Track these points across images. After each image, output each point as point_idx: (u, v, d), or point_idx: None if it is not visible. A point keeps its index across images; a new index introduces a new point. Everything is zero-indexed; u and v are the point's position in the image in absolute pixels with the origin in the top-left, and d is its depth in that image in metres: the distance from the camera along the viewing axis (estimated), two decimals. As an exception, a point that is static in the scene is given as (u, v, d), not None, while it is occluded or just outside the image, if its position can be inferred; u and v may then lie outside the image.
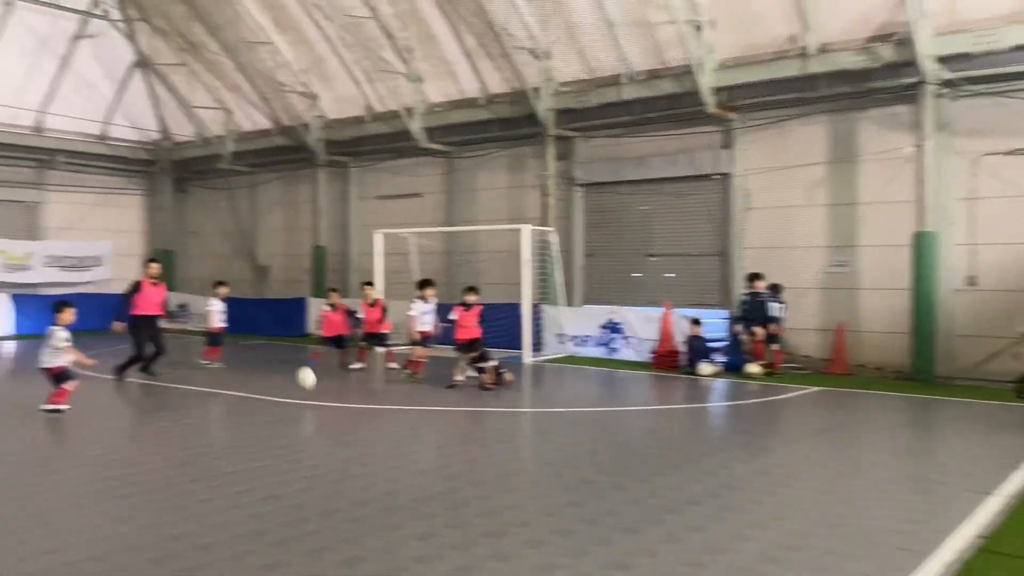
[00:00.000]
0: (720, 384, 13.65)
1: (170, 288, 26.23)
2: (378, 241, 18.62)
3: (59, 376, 10.23)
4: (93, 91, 24.46)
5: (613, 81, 17.35)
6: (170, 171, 26.94)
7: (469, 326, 13.01)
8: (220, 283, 16.69)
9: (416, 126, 20.06)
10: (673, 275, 17.51)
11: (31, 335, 21.43)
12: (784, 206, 15.90)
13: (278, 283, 25.05)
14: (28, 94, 23.38)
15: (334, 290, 16.75)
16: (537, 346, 16.84)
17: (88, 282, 24.37)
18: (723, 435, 9.94)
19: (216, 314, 15.85)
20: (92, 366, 10.32)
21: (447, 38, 19.00)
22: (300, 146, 22.91)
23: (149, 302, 13.70)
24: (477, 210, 20.58)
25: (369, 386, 13.80)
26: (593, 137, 18.54)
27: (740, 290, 15.40)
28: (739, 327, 14.64)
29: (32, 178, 24.56)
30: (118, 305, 13.62)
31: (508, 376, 12.81)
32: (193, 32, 22.32)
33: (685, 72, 15.84)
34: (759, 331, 14.30)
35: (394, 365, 15.01)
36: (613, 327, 16.49)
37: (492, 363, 12.62)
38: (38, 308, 22.26)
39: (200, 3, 20.64)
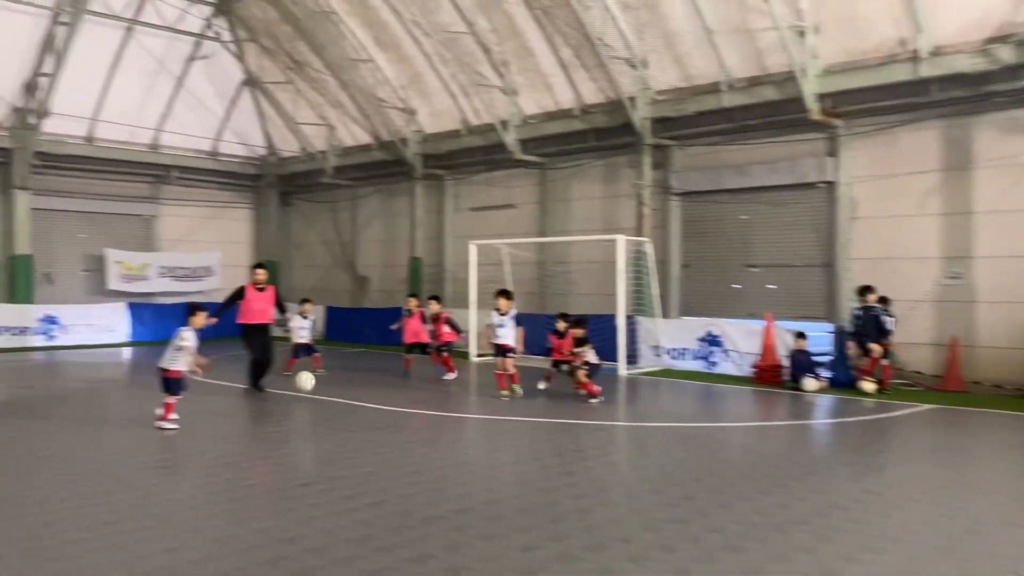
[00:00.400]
0: (825, 400, 13.19)
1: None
2: (472, 252, 18.84)
3: (169, 383, 10.26)
4: (204, 109, 25.66)
5: (712, 89, 17.08)
6: (275, 185, 28.01)
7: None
8: (305, 300, 17.30)
9: (511, 138, 20.23)
10: (775, 287, 17.05)
11: (146, 342, 22.62)
12: (893, 215, 15.28)
13: (377, 293, 25.65)
14: (146, 114, 24.74)
15: (413, 295, 17.10)
16: (632, 358, 16.66)
17: (199, 291, 25.52)
18: (830, 453, 9.60)
19: (298, 330, 16.35)
20: (202, 370, 10.57)
21: (543, 50, 19.10)
22: (398, 160, 23.44)
23: (253, 310, 13.46)
24: (571, 220, 20.58)
25: (467, 395, 13.95)
26: (690, 146, 18.28)
27: (848, 303, 14.85)
28: (853, 343, 14.06)
29: (148, 193, 25.95)
30: (216, 307, 13.12)
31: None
32: (298, 51, 23.16)
33: (787, 78, 15.44)
34: (875, 348, 13.67)
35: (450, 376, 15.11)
36: (712, 340, 16.17)
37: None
38: (153, 316, 23.53)
39: (305, 23, 21.40)
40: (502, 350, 13.15)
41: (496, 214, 22.21)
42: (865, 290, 13.96)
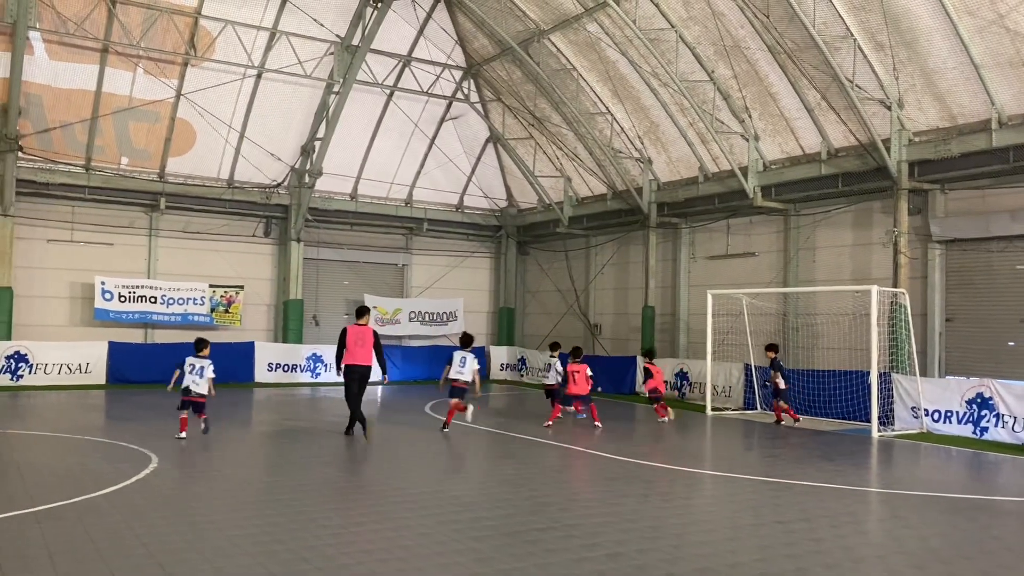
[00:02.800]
0: None
1: (509, 343, 28.47)
2: (709, 302, 18.40)
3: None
4: (453, 166, 27.48)
5: (980, 128, 15.61)
6: (514, 235, 29.25)
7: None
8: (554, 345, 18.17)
9: (751, 185, 19.69)
10: (1059, 346, 15.06)
11: (396, 381, 24.27)
12: None
13: (608, 341, 25.77)
14: (402, 171, 26.98)
15: (648, 352, 17.81)
16: (886, 419, 15.34)
17: (444, 335, 27.09)
18: None
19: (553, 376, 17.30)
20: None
21: (786, 94, 18.50)
22: (633, 209, 23.60)
23: (355, 349, 13.13)
24: (816, 270, 19.53)
25: (699, 448, 13.55)
26: (954, 189, 16.77)
27: None
28: None
29: (402, 244, 28.11)
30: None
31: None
32: (539, 108, 24.20)
33: (1073, 112, 13.77)
34: None
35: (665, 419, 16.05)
36: (983, 403, 14.51)
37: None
38: (402, 357, 25.23)
39: (546, 81, 22.35)
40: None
41: (734, 263, 21.60)
42: None
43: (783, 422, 16.08)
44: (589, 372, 15.16)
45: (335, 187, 26.01)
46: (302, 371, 23.89)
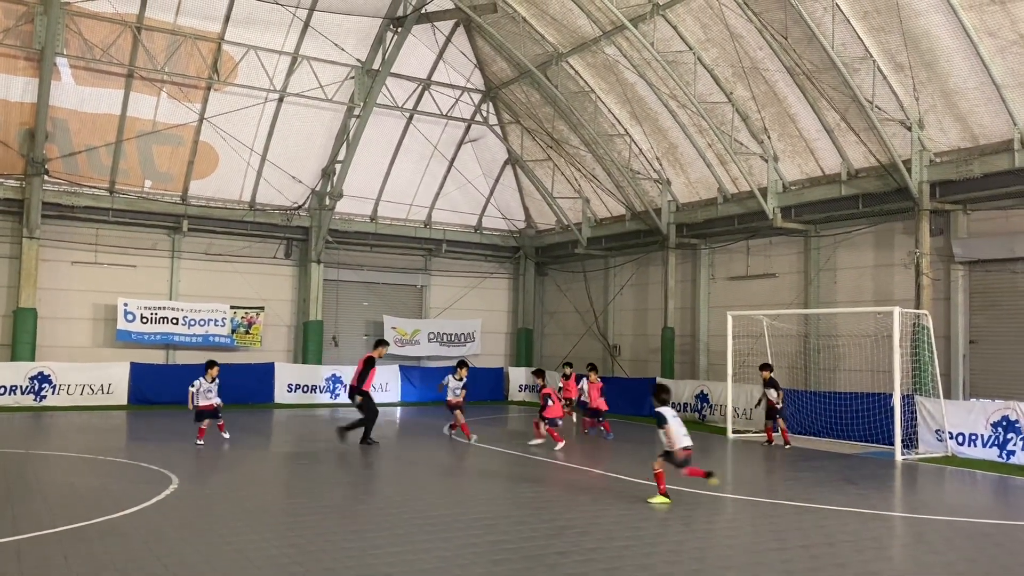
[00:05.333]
0: None
1: (528, 364, 28.50)
2: (729, 323, 18.30)
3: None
4: (471, 187, 27.61)
5: (1003, 148, 15.52)
6: (532, 256, 29.29)
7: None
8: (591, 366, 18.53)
9: (771, 206, 19.63)
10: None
11: (414, 402, 24.29)
12: None
13: (626, 362, 25.67)
14: (421, 193, 27.14)
15: (592, 368, 18.07)
16: (910, 442, 15.14)
17: (462, 356, 27.04)
18: None
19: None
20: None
21: (806, 115, 18.49)
22: (651, 230, 23.58)
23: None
24: (837, 291, 19.40)
25: (719, 471, 13.42)
26: (977, 210, 16.64)
27: None
28: None
29: (421, 265, 28.21)
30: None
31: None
32: (557, 130, 24.32)
33: (1098, 132, 13.65)
34: None
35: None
36: (1009, 426, 14.29)
37: None
38: (420, 378, 25.26)
39: (564, 103, 22.46)
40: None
41: (754, 284, 21.51)
42: None
43: (773, 442, 15.94)
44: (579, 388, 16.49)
45: (355, 209, 26.20)
46: (321, 392, 23.94)
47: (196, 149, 23.37)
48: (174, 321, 23.28)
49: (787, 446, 15.69)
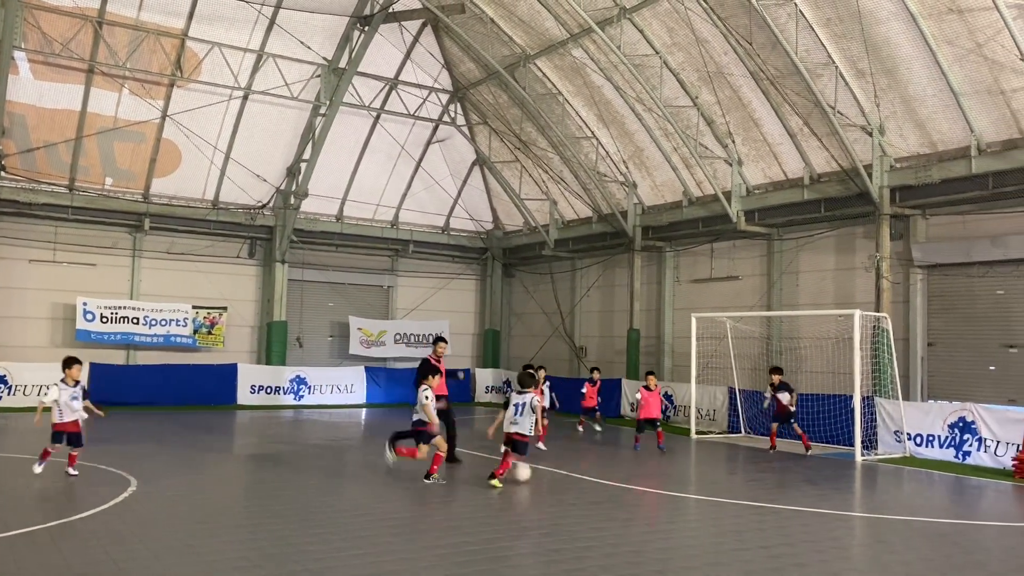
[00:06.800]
0: (1109, 503, 11.39)
1: (495, 365, 28.48)
2: (693, 325, 18.46)
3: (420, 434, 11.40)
4: (439, 188, 27.52)
5: (960, 154, 15.84)
6: (500, 257, 29.29)
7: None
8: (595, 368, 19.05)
9: (735, 209, 19.83)
10: (1040, 370, 15.18)
11: (380, 404, 24.15)
12: None
13: (593, 364, 25.73)
14: (388, 193, 26.99)
15: (651, 373, 16.96)
16: (869, 443, 15.40)
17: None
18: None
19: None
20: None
21: (769, 120, 18.72)
22: (618, 232, 23.70)
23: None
24: (799, 294, 19.66)
25: (683, 472, 13.52)
26: (935, 215, 16.97)
27: None
28: None
29: (387, 265, 28.06)
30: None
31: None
32: (525, 131, 24.35)
33: (1051, 140, 13.99)
34: None
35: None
36: (965, 427, 14.59)
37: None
38: (387, 379, 25.13)
39: (532, 105, 22.49)
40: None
41: (718, 286, 21.72)
42: None
43: (776, 448, 15.84)
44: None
45: (321, 208, 25.99)
46: (285, 393, 23.71)
47: (159, 147, 23.01)
48: (135, 321, 22.90)
49: (808, 451, 15.37)
